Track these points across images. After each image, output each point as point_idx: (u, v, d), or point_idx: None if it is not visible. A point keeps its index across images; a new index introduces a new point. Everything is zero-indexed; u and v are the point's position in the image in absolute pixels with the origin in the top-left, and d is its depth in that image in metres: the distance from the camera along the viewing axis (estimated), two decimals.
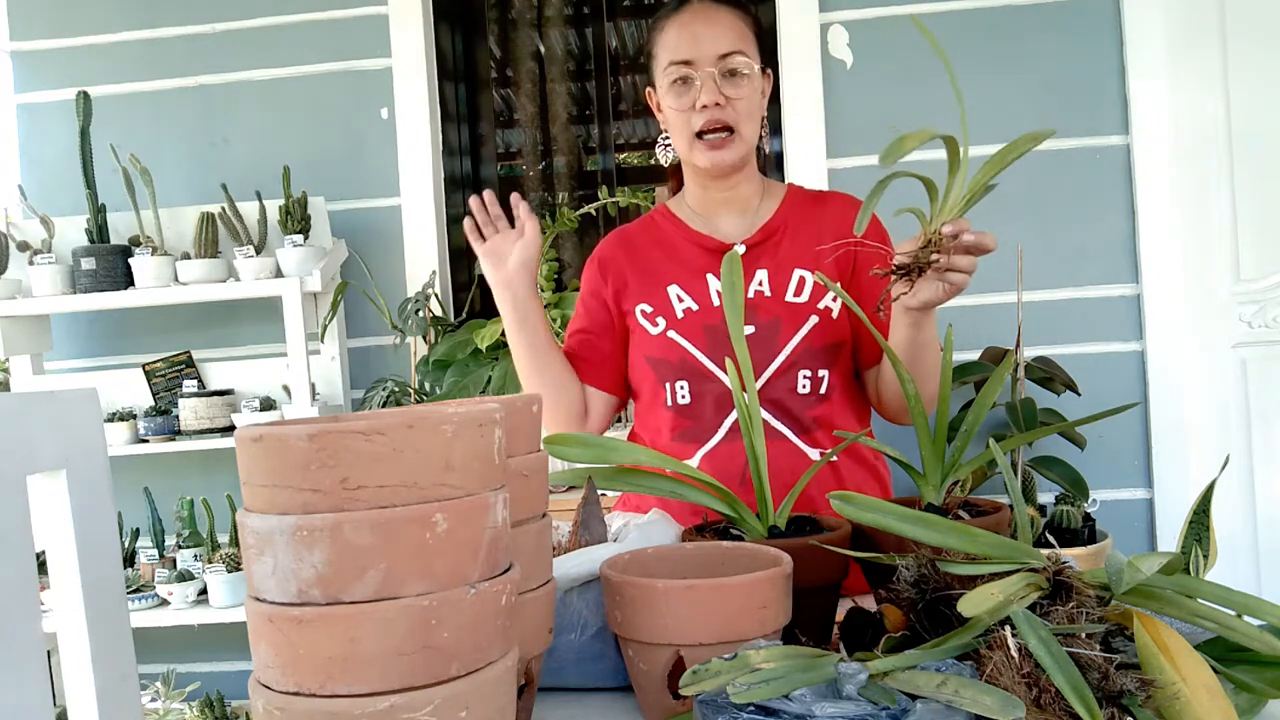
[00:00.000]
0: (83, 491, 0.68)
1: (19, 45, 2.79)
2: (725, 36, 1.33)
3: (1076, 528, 2.15)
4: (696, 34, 1.33)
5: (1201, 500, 0.85)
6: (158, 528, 2.54)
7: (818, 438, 1.34)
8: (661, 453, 1.34)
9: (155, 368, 2.71)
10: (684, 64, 1.34)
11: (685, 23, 1.35)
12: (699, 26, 1.34)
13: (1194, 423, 2.49)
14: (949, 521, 0.75)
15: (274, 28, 2.73)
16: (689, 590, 0.75)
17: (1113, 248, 2.51)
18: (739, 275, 1.12)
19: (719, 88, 1.32)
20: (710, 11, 1.35)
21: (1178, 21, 2.47)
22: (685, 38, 1.34)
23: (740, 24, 1.35)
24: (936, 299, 1.12)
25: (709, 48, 1.33)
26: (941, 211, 1.04)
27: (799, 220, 1.41)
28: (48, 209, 2.60)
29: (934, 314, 1.21)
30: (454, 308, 2.80)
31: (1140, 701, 0.61)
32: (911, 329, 1.20)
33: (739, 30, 1.35)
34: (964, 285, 1.10)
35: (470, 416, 0.60)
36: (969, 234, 1.05)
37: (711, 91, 1.32)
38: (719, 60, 1.32)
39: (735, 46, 1.33)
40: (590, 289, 1.47)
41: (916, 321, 1.19)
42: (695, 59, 1.33)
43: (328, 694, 0.56)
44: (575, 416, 1.45)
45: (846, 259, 1.38)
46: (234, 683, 2.69)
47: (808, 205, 1.43)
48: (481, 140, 3.01)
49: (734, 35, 1.34)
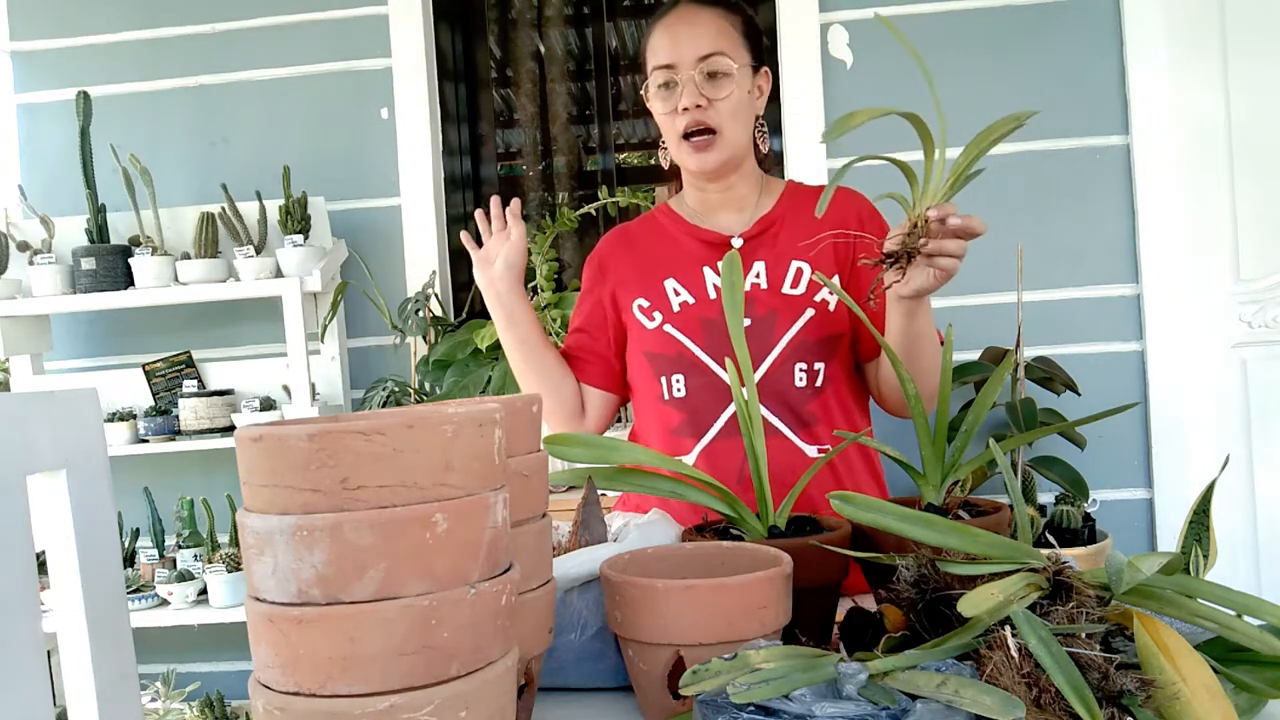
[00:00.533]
0: (83, 491, 0.68)
1: (19, 45, 2.79)
2: (706, 38, 1.33)
3: (1076, 528, 2.15)
4: (677, 36, 1.34)
5: (1201, 500, 0.85)
6: (158, 528, 2.54)
7: (816, 433, 1.33)
8: (660, 447, 1.35)
9: (155, 368, 2.71)
10: (666, 68, 1.34)
11: (668, 25, 1.36)
12: (680, 29, 1.34)
13: (1194, 423, 2.49)
14: (949, 521, 0.75)
15: (274, 28, 2.73)
16: (689, 590, 0.75)
17: (1113, 248, 2.51)
18: (739, 275, 1.11)
19: (699, 89, 1.32)
20: (693, 14, 1.35)
21: (1178, 21, 2.47)
22: (667, 41, 1.34)
23: (724, 24, 1.35)
24: (928, 286, 1.11)
25: (689, 50, 1.33)
26: (924, 196, 1.03)
27: (797, 213, 1.41)
28: (48, 209, 2.60)
29: (928, 303, 1.21)
30: (454, 308, 2.80)
31: (1140, 701, 0.61)
32: (905, 319, 1.20)
33: (721, 30, 1.34)
34: (954, 270, 1.09)
35: (470, 416, 0.60)
36: (955, 217, 1.04)
37: (692, 94, 1.32)
38: (699, 62, 1.32)
39: (715, 48, 1.33)
40: (588, 287, 1.48)
41: (910, 311, 1.19)
42: (676, 62, 1.33)
43: (328, 694, 0.56)
44: (571, 414, 1.46)
45: (846, 251, 1.38)
46: (234, 683, 2.69)
47: (806, 198, 1.43)
48: (481, 140, 3.01)
49: (715, 36, 1.33)
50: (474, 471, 0.60)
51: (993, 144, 0.99)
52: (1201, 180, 2.49)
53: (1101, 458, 2.47)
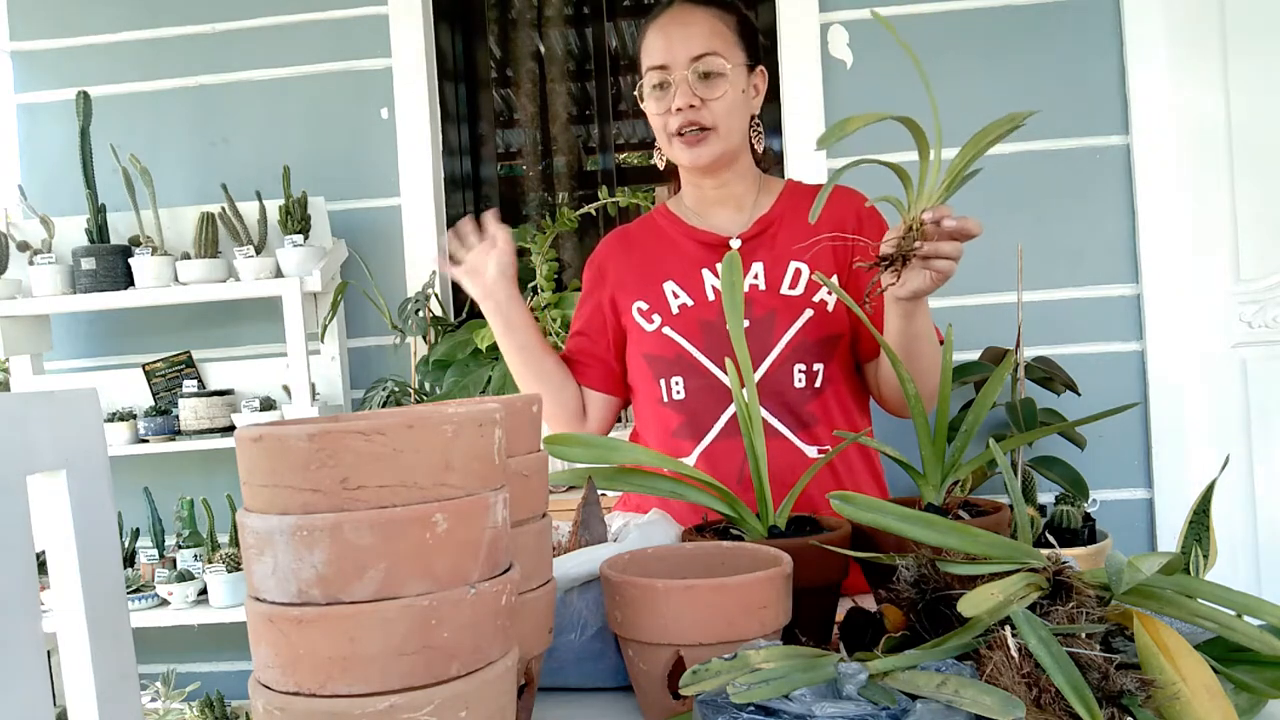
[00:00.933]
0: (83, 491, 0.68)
1: (19, 45, 2.79)
2: (699, 38, 1.33)
3: (1076, 528, 2.15)
4: (671, 37, 1.34)
5: (1201, 500, 0.85)
6: (158, 528, 2.54)
7: (816, 433, 1.33)
8: (660, 450, 1.35)
9: (155, 368, 2.71)
10: (659, 69, 1.35)
11: (661, 26, 1.36)
12: (674, 29, 1.34)
13: (1194, 423, 2.49)
14: (949, 521, 0.75)
15: (274, 28, 2.73)
16: (689, 590, 0.75)
17: (1113, 248, 2.51)
18: (739, 276, 1.11)
19: (693, 90, 1.33)
20: (686, 14, 1.35)
21: (1178, 21, 2.47)
22: (660, 42, 1.35)
23: (717, 23, 1.35)
24: (925, 288, 1.11)
25: (682, 50, 1.33)
26: (920, 198, 1.03)
27: (795, 213, 1.41)
28: (48, 209, 2.60)
29: (925, 304, 1.21)
30: (454, 308, 2.80)
31: (1140, 701, 0.61)
32: (903, 320, 1.20)
33: (714, 30, 1.34)
34: (950, 272, 1.09)
35: (470, 416, 0.60)
36: (950, 219, 1.05)
37: (685, 94, 1.33)
38: (692, 62, 1.32)
39: (709, 48, 1.33)
40: (588, 290, 1.49)
41: (908, 312, 1.19)
42: (669, 63, 1.34)
43: (328, 694, 0.56)
44: (573, 416, 1.46)
45: (844, 251, 1.38)
46: (234, 683, 2.69)
47: (804, 198, 1.42)
48: (481, 140, 3.01)
49: (708, 36, 1.33)
50: (474, 471, 0.60)
51: (989, 145, 0.99)
52: (1201, 180, 2.49)
53: (1101, 458, 2.47)
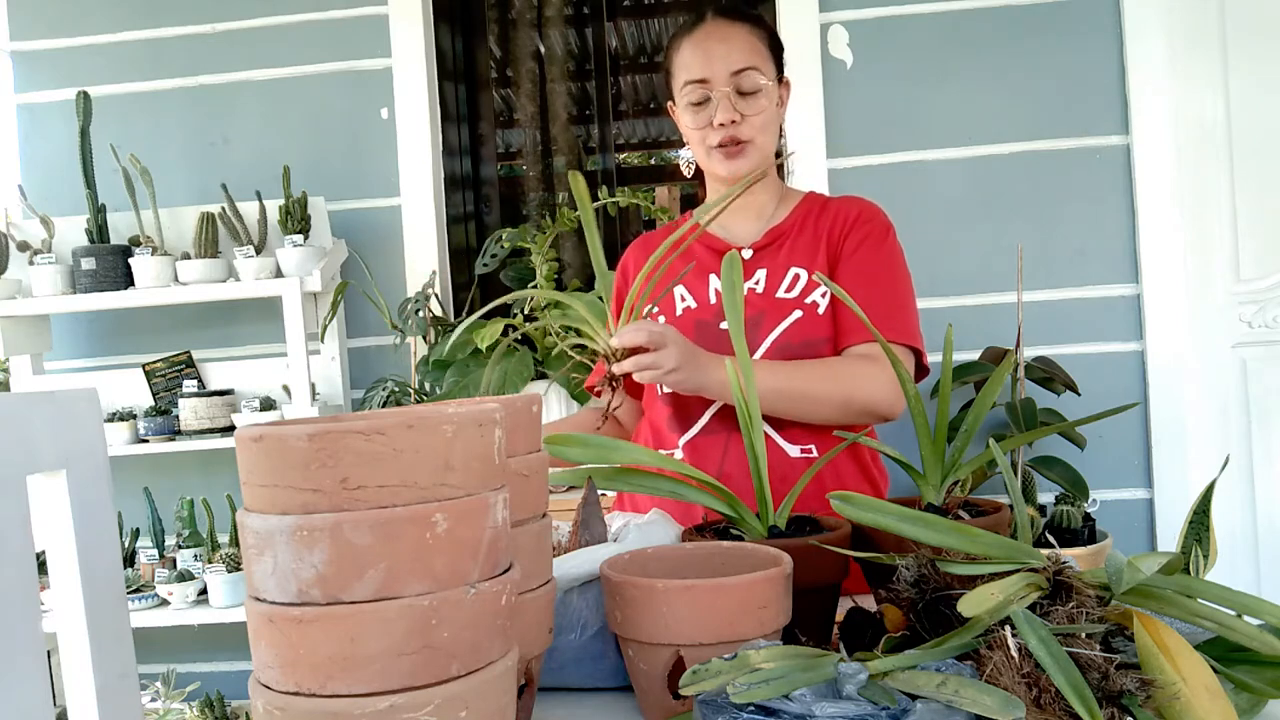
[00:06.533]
0: (83, 491, 0.68)
1: (19, 45, 2.79)
2: (739, 53, 1.35)
3: (1076, 528, 2.15)
4: (710, 52, 1.35)
5: (1201, 500, 0.85)
6: (158, 528, 2.54)
7: (794, 433, 1.35)
8: (651, 441, 1.40)
9: (155, 368, 2.71)
10: (699, 83, 1.36)
11: (699, 41, 1.37)
12: (713, 44, 1.36)
13: (1194, 423, 2.49)
14: (949, 521, 0.75)
15: (274, 28, 2.73)
16: (689, 590, 0.75)
17: (1113, 248, 2.51)
18: (739, 275, 1.13)
19: (734, 105, 1.34)
20: (724, 29, 1.37)
21: (1178, 21, 2.47)
22: (699, 56, 1.36)
23: (753, 39, 1.37)
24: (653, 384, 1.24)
25: (722, 65, 1.34)
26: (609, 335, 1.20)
27: (805, 225, 1.44)
28: (48, 209, 2.60)
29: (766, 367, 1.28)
30: (454, 308, 2.80)
31: (1140, 701, 0.61)
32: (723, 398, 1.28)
33: (752, 45, 1.36)
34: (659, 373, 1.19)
35: (470, 416, 0.60)
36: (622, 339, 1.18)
37: (727, 110, 1.34)
38: (732, 77, 1.34)
39: (749, 63, 1.35)
40: (615, 294, 1.52)
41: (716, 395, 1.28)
42: (710, 77, 1.35)
43: (328, 694, 0.56)
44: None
45: (834, 247, 1.41)
46: (234, 683, 2.69)
47: (816, 210, 1.46)
48: (481, 140, 3.01)
49: (747, 51, 1.35)
50: (474, 471, 0.60)
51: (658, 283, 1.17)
52: (1201, 180, 2.49)
53: (1101, 458, 2.47)
